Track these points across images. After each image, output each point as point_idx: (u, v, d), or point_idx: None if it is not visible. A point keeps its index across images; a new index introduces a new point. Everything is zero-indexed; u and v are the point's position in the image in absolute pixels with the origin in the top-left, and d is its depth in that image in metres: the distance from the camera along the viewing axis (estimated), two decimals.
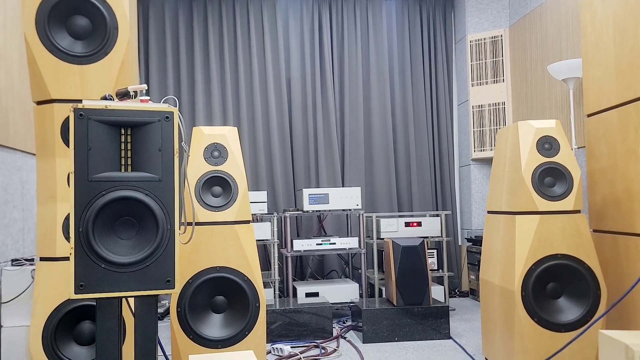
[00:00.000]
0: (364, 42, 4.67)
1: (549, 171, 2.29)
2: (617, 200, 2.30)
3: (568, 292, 2.25)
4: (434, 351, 2.87)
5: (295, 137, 4.47)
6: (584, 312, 2.18)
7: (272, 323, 3.06)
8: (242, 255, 2.15)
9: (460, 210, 4.84)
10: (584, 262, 2.22)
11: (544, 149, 2.30)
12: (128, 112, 1.45)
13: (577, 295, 2.23)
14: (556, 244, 2.22)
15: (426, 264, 3.24)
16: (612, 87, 2.33)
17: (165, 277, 1.40)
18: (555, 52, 3.80)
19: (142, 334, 1.38)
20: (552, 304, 2.25)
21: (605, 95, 2.39)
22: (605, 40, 2.38)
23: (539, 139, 2.31)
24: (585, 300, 2.20)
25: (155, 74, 4.24)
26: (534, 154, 2.28)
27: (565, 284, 2.25)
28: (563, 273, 2.22)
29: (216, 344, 2.01)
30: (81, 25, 1.90)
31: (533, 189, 2.26)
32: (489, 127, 4.51)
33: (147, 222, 1.41)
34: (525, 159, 2.28)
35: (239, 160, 2.28)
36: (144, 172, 1.44)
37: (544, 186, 2.28)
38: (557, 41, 3.79)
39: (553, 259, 2.21)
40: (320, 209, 3.79)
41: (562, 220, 2.24)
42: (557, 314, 2.22)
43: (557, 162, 2.28)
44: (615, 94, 2.31)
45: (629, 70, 2.20)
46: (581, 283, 2.21)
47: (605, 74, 2.39)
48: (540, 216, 2.24)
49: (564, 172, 2.28)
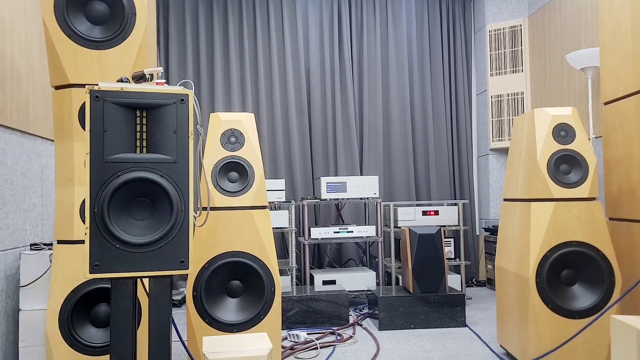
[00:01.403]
0: (383, 32, 4.63)
1: (565, 158, 2.27)
2: (633, 188, 2.28)
3: (582, 279, 2.24)
4: (449, 338, 2.85)
5: (314, 126, 4.46)
6: (598, 299, 2.17)
7: (289, 310, 3.08)
8: (258, 240, 2.16)
9: (478, 200, 4.78)
10: (598, 249, 2.20)
11: (560, 137, 2.28)
12: (143, 95, 1.46)
13: (591, 282, 2.22)
14: (571, 231, 2.21)
15: (442, 253, 3.21)
16: (629, 75, 2.31)
17: (180, 258, 1.41)
18: (574, 42, 3.76)
19: (156, 315, 1.40)
20: (566, 290, 2.23)
21: (622, 84, 2.36)
22: (622, 28, 2.36)
23: (555, 127, 2.29)
24: (600, 287, 2.19)
25: (174, 60, 4.27)
26: (549, 141, 2.27)
27: (579, 271, 2.23)
28: (578, 260, 2.21)
29: (231, 328, 2.03)
30: (99, 11, 1.91)
31: (548, 176, 2.24)
32: (507, 117, 4.45)
33: (161, 203, 1.42)
34: (540, 146, 2.26)
35: (256, 146, 2.28)
36: (159, 154, 1.45)
37: (560, 173, 2.26)
38: (576, 31, 3.75)
39: (568, 246, 2.19)
40: (338, 197, 3.78)
41: (578, 208, 2.23)
42: (571, 301, 2.21)
43: (572, 150, 2.26)
44: (632, 82, 2.29)
45: None
46: (595, 270, 2.20)
47: (622, 62, 2.36)
48: (555, 203, 2.23)
49: (579, 160, 2.26)
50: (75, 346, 1.67)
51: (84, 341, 1.68)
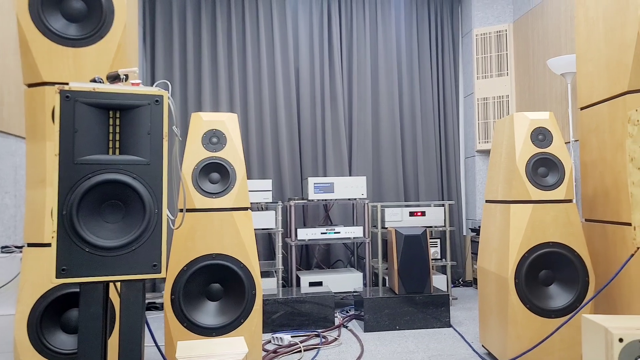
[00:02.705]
0: (373, 34, 4.63)
1: (542, 161, 2.31)
2: (606, 191, 2.33)
3: (559, 279, 2.28)
4: (433, 339, 2.84)
5: (303, 126, 4.43)
6: (573, 298, 2.22)
7: (274, 312, 3.05)
8: (239, 242, 2.13)
9: (465, 201, 4.78)
10: (574, 250, 2.25)
11: (538, 140, 2.33)
12: (117, 95, 1.42)
13: (567, 282, 2.26)
14: (548, 232, 2.25)
15: (428, 253, 3.20)
16: (603, 82, 2.37)
17: (152, 262, 1.38)
18: (556, 48, 3.82)
19: (127, 320, 1.37)
20: (544, 290, 2.27)
21: (597, 90, 2.42)
22: (596, 37, 2.43)
23: (533, 130, 2.34)
24: (575, 287, 2.24)
25: (161, 59, 4.22)
26: (528, 145, 2.32)
27: (556, 271, 2.27)
28: (554, 261, 2.25)
29: (210, 332, 2.00)
30: (76, 8, 1.88)
31: (527, 178, 2.28)
32: (493, 120, 4.48)
33: (134, 205, 1.39)
34: (519, 150, 2.31)
35: (238, 147, 2.25)
36: (132, 156, 1.42)
37: (538, 176, 2.30)
38: (557, 37, 3.81)
39: (545, 246, 2.24)
40: (325, 198, 3.76)
41: (554, 209, 2.27)
42: (548, 301, 2.24)
43: (550, 153, 2.31)
44: (605, 88, 2.35)
45: (617, 66, 2.25)
46: (571, 270, 2.24)
47: (596, 69, 2.42)
48: (533, 205, 2.27)
49: (556, 163, 2.31)
50: (45, 353, 1.63)
51: (54, 348, 1.64)
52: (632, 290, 2.14)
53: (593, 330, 1.65)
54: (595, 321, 1.64)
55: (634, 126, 1.81)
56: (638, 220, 1.77)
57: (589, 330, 1.67)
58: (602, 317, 1.68)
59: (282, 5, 4.46)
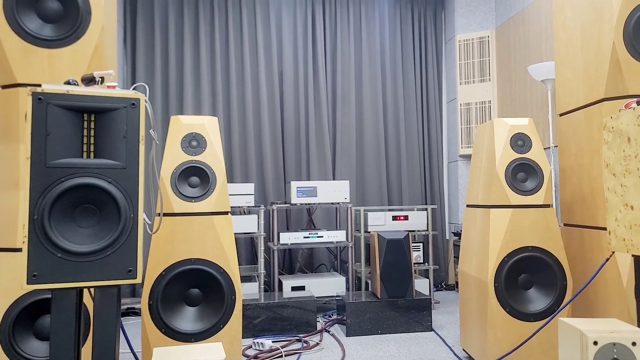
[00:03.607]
0: (357, 38, 4.64)
1: (522, 167, 2.34)
2: (584, 196, 2.37)
3: (538, 283, 2.31)
4: (414, 343, 2.84)
5: (286, 130, 4.42)
6: (551, 301, 2.25)
7: (256, 317, 3.03)
8: (219, 246, 2.11)
9: (448, 205, 4.81)
10: (552, 254, 2.28)
11: (517, 146, 2.36)
12: (91, 98, 1.40)
13: (545, 286, 2.29)
14: (527, 237, 2.28)
15: (410, 257, 3.21)
16: (580, 89, 2.41)
17: (127, 267, 1.36)
18: (537, 54, 3.88)
19: (101, 328, 1.35)
20: (522, 294, 2.30)
21: (574, 97, 2.47)
22: (574, 45, 2.48)
23: (513, 136, 2.37)
24: (553, 291, 2.27)
25: (142, 62, 4.18)
26: (507, 150, 2.34)
27: (535, 275, 2.30)
28: (533, 265, 2.28)
29: (189, 337, 1.98)
30: (52, 9, 1.85)
31: (506, 183, 2.31)
32: (475, 125, 4.53)
33: (109, 210, 1.37)
34: (499, 155, 2.34)
35: (218, 151, 2.23)
36: (108, 160, 1.39)
37: (517, 181, 2.33)
38: (537, 44, 3.87)
39: (524, 251, 2.26)
40: (308, 202, 3.75)
41: (533, 214, 2.30)
42: (527, 304, 2.27)
43: (529, 158, 2.35)
44: (582, 95, 2.40)
45: (594, 73, 2.29)
46: (549, 274, 2.27)
47: (574, 77, 2.47)
48: (512, 210, 2.29)
49: (535, 168, 2.34)
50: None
51: (27, 355, 1.60)
52: (608, 294, 2.17)
53: (569, 333, 1.66)
54: (571, 324, 1.65)
55: (609, 133, 1.83)
56: (613, 225, 1.80)
57: (565, 333, 1.69)
58: (578, 320, 1.70)
59: (266, 8, 4.45)
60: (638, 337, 1.59)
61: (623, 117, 1.75)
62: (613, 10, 2.16)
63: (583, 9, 2.39)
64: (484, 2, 4.62)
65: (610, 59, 2.18)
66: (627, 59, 2.15)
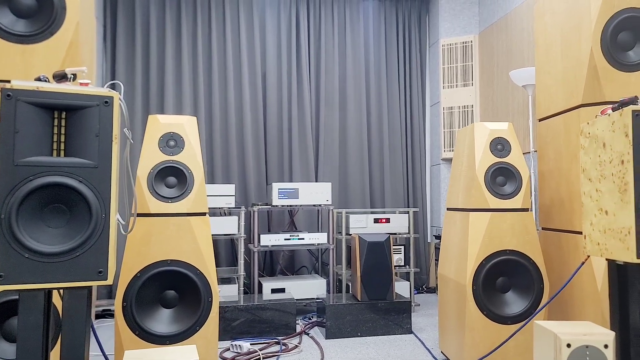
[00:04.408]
0: (341, 41, 4.64)
1: (501, 171, 2.36)
2: (561, 200, 2.40)
3: (515, 286, 2.33)
4: (394, 346, 2.84)
5: (269, 131, 4.40)
6: (528, 305, 2.27)
7: (234, 320, 3.00)
8: (196, 248, 2.08)
9: (430, 208, 4.84)
10: (530, 257, 2.30)
11: (497, 150, 2.38)
12: (62, 95, 1.37)
13: (523, 289, 2.31)
14: (505, 240, 2.29)
15: (391, 260, 3.21)
16: (560, 95, 2.44)
17: (98, 268, 1.33)
18: (518, 60, 3.92)
19: (70, 330, 1.31)
20: (500, 297, 2.31)
21: (554, 102, 2.50)
22: (554, 51, 2.51)
23: (492, 140, 2.39)
24: (530, 294, 2.29)
25: (122, 60, 4.13)
26: (487, 154, 2.36)
27: (512, 278, 2.32)
28: (511, 268, 2.30)
29: (164, 340, 1.95)
30: (25, 4, 1.81)
31: (485, 187, 2.32)
32: (458, 128, 4.55)
33: (79, 210, 1.34)
34: (479, 159, 2.35)
35: (197, 151, 2.21)
36: (79, 158, 1.36)
37: (496, 185, 2.35)
38: (519, 50, 3.92)
39: (502, 254, 2.28)
40: (290, 204, 3.73)
41: (511, 218, 2.32)
42: (504, 307, 2.29)
43: (508, 163, 2.37)
44: (562, 101, 2.43)
45: (573, 79, 2.32)
46: (527, 277, 2.29)
47: (554, 82, 2.50)
48: (491, 213, 2.31)
49: (514, 172, 2.36)
50: None
51: None
52: (584, 297, 2.19)
53: (544, 336, 1.68)
54: (546, 327, 1.67)
55: (585, 138, 1.86)
56: (588, 229, 1.82)
57: (540, 336, 1.71)
58: (553, 323, 1.71)
59: (250, 8, 4.43)
60: (610, 340, 1.61)
61: (599, 123, 1.77)
62: (591, 18, 2.19)
63: (563, 16, 2.42)
64: (468, 7, 4.66)
65: (589, 66, 2.21)
66: (605, 66, 2.19)
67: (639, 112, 1.60)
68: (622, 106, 1.71)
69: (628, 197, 1.59)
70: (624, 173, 1.61)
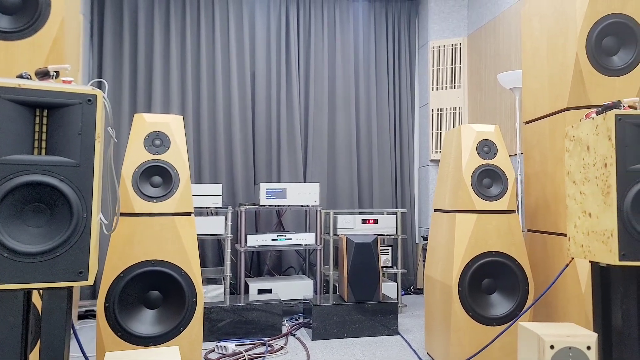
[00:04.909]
0: (331, 41, 4.64)
1: (487, 173, 2.38)
2: (547, 202, 2.42)
3: (501, 287, 2.34)
4: (380, 347, 2.84)
5: (257, 131, 4.38)
6: (514, 306, 2.29)
7: (220, 321, 2.98)
8: (181, 248, 2.07)
9: (418, 209, 4.85)
10: (515, 259, 2.32)
11: (484, 152, 2.40)
12: (44, 93, 1.35)
13: (508, 291, 2.32)
14: (491, 242, 2.31)
15: (378, 261, 3.21)
16: (545, 98, 2.47)
17: (78, 268, 1.31)
18: (506, 63, 3.95)
19: (49, 332, 1.29)
20: (486, 298, 2.33)
21: (540, 105, 2.53)
22: (540, 54, 2.53)
23: (479, 142, 2.41)
24: (515, 295, 2.30)
25: (109, 58, 4.08)
26: (474, 156, 2.38)
27: (498, 279, 2.33)
28: (496, 269, 2.31)
29: (147, 341, 1.93)
30: (9, 0, 1.78)
31: (472, 189, 2.34)
32: (446, 130, 4.58)
33: (60, 209, 1.32)
34: (466, 161, 2.37)
35: (183, 150, 2.19)
36: (60, 157, 1.34)
37: (482, 187, 2.37)
38: (507, 53, 3.94)
39: (488, 255, 2.29)
40: (277, 204, 3.72)
41: (497, 220, 2.33)
42: (490, 309, 2.30)
43: (494, 165, 2.38)
44: (547, 104, 2.45)
45: (559, 83, 2.35)
46: (512, 279, 2.31)
47: (540, 86, 2.53)
48: (477, 215, 2.32)
49: (500, 174, 2.38)
50: None
51: None
52: (568, 298, 2.21)
53: (528, 337, 1.69)
54: (530, 329, 1.68)
55: (570, 141, 1.87)
56: (572, 231, 1.83)
57: (524, 337, 1.72)
58: (537, 324, 1.72)
59: (239, 7, 4.41)
60: (592, 341, 1.62)
61: (583, 127, 1.79)
62: (577, 23, 2.21)
63: (549, 21, 2.44)
64: (457, 10, 4.69)
65: (574, 70, 2.23)
66: (590, 71, 2.21)
67: (622, 117, 1.62)
68: (605, 110, 1.73)
69: (611, 200, 1.61)
70: (607, 176, 1.63)
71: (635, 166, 1.60)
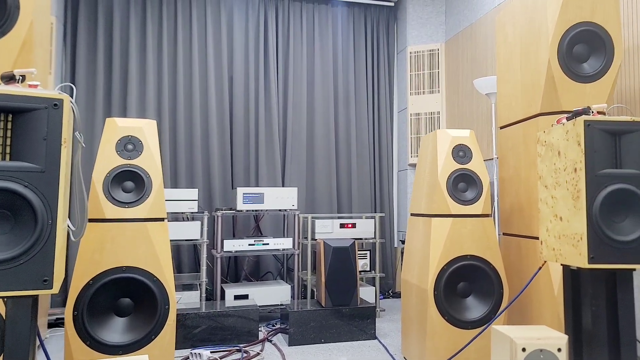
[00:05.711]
0: (310, 45, 4.64)
1: (462, 177, 2.40)
2: (521, 206, 2.45)
3: (476, 291, 2.36)
4: (357, 352, 2.84)
5: (235, 135, 4.35)
6: (489, 309, 2.31)
7: (196, 327, 2.94)
8: (153, 254, 2.03)
9: (397, 213, 4.87)
10: (490, 262, 2.33)
11: (459, 157, 2.42)
12: (9, 97, 1.31)
13: (483, 294, 2.34)
14: (466, 246, 2.32)
15: (356, 265, 3.21)
16: (519, 104, 2.51)
17: (43, 277, 1.28)
18: (482, 68, 4.00)
19: (13, 341, 1.25)
20: (461, 302, 2.34)
21: (514, 110, 2.56)
22: (514, 61, 2.57)
23: (455, 147, 2.43)
24: (490, 299, 2.32)
25: (83, 61, 4.01)
26: (449, 161, 2.40)
27: (473, 283, 2.35)
28: (472, 273, 2.32)
29: (117, 350, 1.88)
30: None
31: (447, 193, 2.35)
32: (425, 134, 4.61)
33: (24, 216, 1.28)
34: (441, 165, 2.38)
35: (156, 155, 2.16)
36: (25, 162, 1.31)
37: (457, 191, 2.38)
38: (484, 58, 4.00)
39: (463, 259, 2.31)
40: (255, 209, 3.69)
41: (472, 223, 2.35)
42: (465, 312, 2.31)
43: (469, 169, 2.40)
44: (521, 109, 2.49)
45: (532, 89, 2.39)
46: (487, 282, 2.33)
47: (514, 91, 2.57)
48: (452, 219, 2.33)
49: (475, 179, 2.40)
50: None
51: None
52: (541, 301, 2.23)
53: (500, 340, 1.70)
54: (503, 332, 1.69)
55: (542, 146, 1.90)
56: (544, 235, 1.86)
57: (497, 340, 1.73)
58: (509, 327, 1.74)
59: (217, 10, 4.38)
60: (563, 344, 1.64)
61: (554, 132, 1.81)
62: (548, 31, 2.25)
63: (522, 28, 2.47)
64: (435, 16, 4.74)
65: (546, 76, 2.26)
66: (561, 77, 2.25)
67: (590, 122, 1.65)
68: (575, 116, 1.76)
69: (580, 204, 1.63)
70: (577, 180, 1.65)
71: (604, 171, 1.63)
